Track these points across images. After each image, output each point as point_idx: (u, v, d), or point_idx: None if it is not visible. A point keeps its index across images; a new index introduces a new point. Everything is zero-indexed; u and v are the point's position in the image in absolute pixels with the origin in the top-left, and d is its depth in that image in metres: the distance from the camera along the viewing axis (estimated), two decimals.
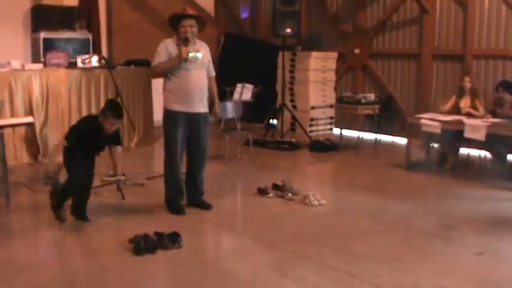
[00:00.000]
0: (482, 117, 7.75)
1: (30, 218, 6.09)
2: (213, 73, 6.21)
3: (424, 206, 6.47)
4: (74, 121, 8.67)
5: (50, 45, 10.22)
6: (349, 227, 5.68)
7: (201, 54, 5.80)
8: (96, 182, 5.76)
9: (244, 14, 13.11)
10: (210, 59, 6.15)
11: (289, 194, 6.63)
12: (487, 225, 5.73)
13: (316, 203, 6.33)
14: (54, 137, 8.56)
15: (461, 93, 8.22)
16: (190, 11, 5.90)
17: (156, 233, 4.98)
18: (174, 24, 5.86)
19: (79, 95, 8.90)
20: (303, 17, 11.10)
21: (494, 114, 7.77)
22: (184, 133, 5.91)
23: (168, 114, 5.93)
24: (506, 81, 8.15)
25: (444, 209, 6.32)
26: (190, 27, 5.77)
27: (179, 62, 5.73)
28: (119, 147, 5.62)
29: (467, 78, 8.23)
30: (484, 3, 9.15)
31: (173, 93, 5.86)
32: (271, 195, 6.68)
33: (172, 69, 5.79)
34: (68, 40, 10.61)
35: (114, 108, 5.42)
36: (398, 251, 5.01)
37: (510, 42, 8.92)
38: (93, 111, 8.98)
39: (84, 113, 8.89)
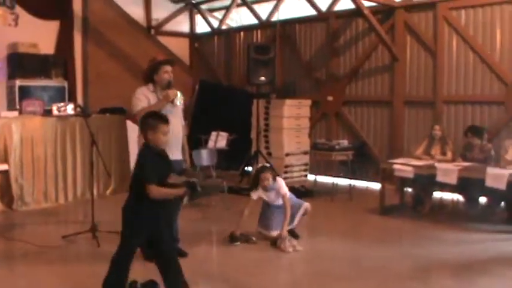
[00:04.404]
0: (450, 160, 7.94)
1: (5, 266, 5.98)
2: (183, 122, 6.37)
3: (400, 250, 6.52)
4: (49, 169, 8.74)
5: (25, 93, 10.23)
6: (325, 273, 5.69)
7: (183, 98, 6.03)
8: (69, 230, 5.71)
9: None
10: (183, 107, 6.32)
11: (253, 238, 6.72)
12: (461, 267, 5.80)
13: (291, 249, 6.33)
14: (29, 185, 8.52)
15: (431, 140, 8.42)
16: (163, 57, 6.09)
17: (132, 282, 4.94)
18: (151, 74, 5.98)
19: (54, 142, 8.88)
20: (277, 65, 11.26)
21: (464, 158, 7.95)
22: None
23: None
24: (474, 126, 8.37)
25: (419, 252, 6.37)
26: (170, 72, 5.98)
27: (167, 102, 5.87)
28: None
29: (437, 127, 8.45)
30: (452, 51, 9.43)
31: None
32: (238, 243, 6.68)
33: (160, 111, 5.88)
34: (43, 88, 10.64)
35: None
36: None
37: (478, 88, 9.19)
38: (69, 159, 8.98)
39: (60, 161, 8.89)
